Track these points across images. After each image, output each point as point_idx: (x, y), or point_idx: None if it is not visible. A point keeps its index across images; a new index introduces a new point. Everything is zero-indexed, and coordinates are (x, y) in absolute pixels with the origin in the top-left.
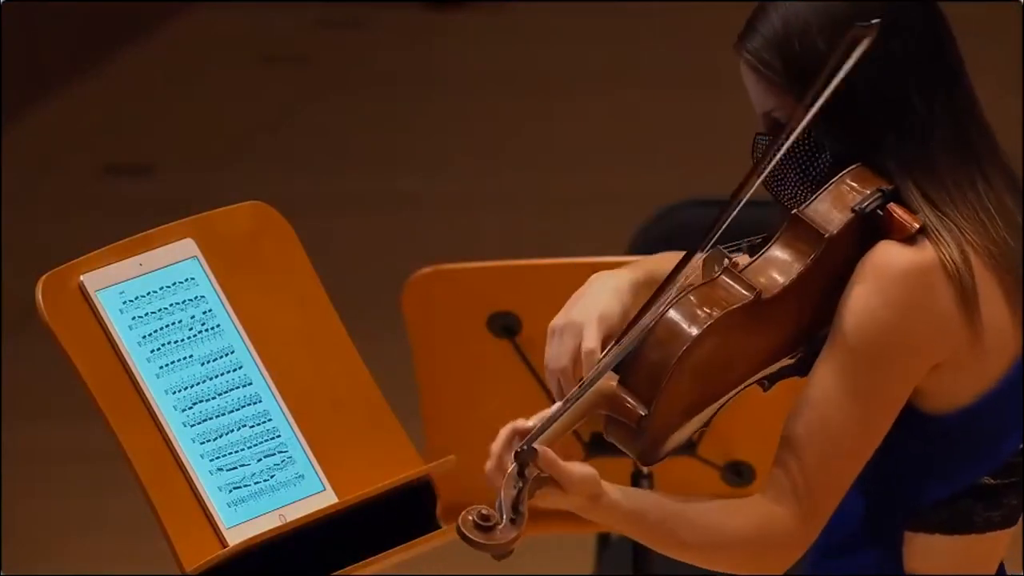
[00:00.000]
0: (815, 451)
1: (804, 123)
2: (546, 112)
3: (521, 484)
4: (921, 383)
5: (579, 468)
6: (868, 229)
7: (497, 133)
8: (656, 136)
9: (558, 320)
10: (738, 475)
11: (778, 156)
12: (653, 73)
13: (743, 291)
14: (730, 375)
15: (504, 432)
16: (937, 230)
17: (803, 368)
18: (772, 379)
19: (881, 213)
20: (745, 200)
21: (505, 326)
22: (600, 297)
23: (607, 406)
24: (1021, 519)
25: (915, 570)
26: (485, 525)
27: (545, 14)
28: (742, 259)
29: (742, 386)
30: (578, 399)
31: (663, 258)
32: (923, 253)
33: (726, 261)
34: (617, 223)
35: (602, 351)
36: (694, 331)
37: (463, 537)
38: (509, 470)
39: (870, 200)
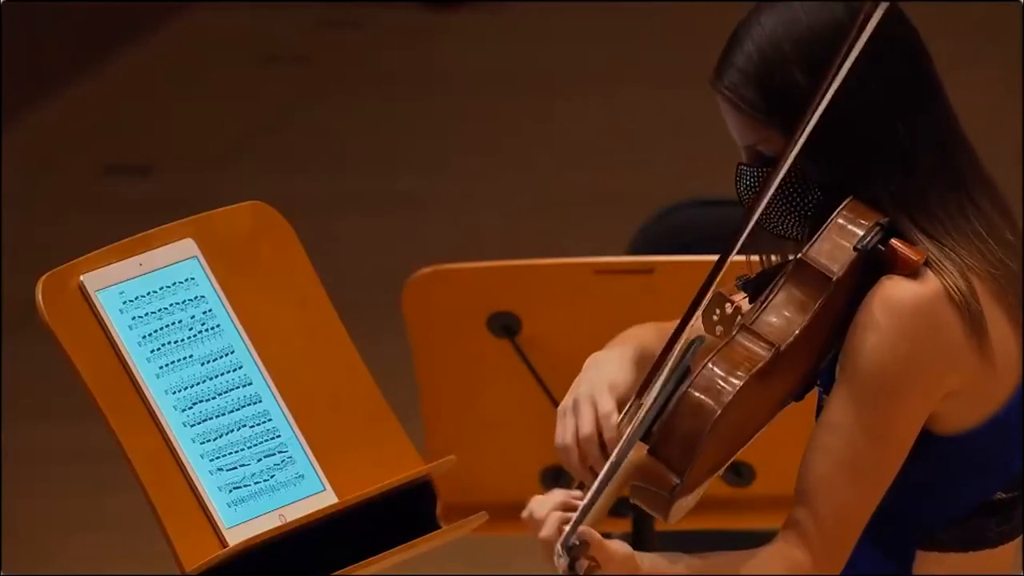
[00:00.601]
0: (835, 492)
1: (808, 126)
2: (546, 112)
3: None
4: (934, 408)
5: (619, 548)
6: (870, 264)
7: (497, 133)
8: (656, 136)
9: (565, 401)
10: (738, 475)
11: (779, 177)
12: (653, 73)
13: (761, 350)
14: (750, 427)
15: (555, 497)
16: (939, 260)
17: (799, 396)
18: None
19: (883, 248)
20: (738, 245)
21: (505, 326)
22: (603, 370)
23: (639, 477)
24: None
25: None
26: None
27: (545, 14)
28: (739, 297)
29: (758, 434)
30: (609, 479)
31: (646, 332)
32: (928, 285)
33: (729, 307)
34: (617, 223)
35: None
36: (725, 399)
37: None
38: (559, 563)
39: (871, 236)
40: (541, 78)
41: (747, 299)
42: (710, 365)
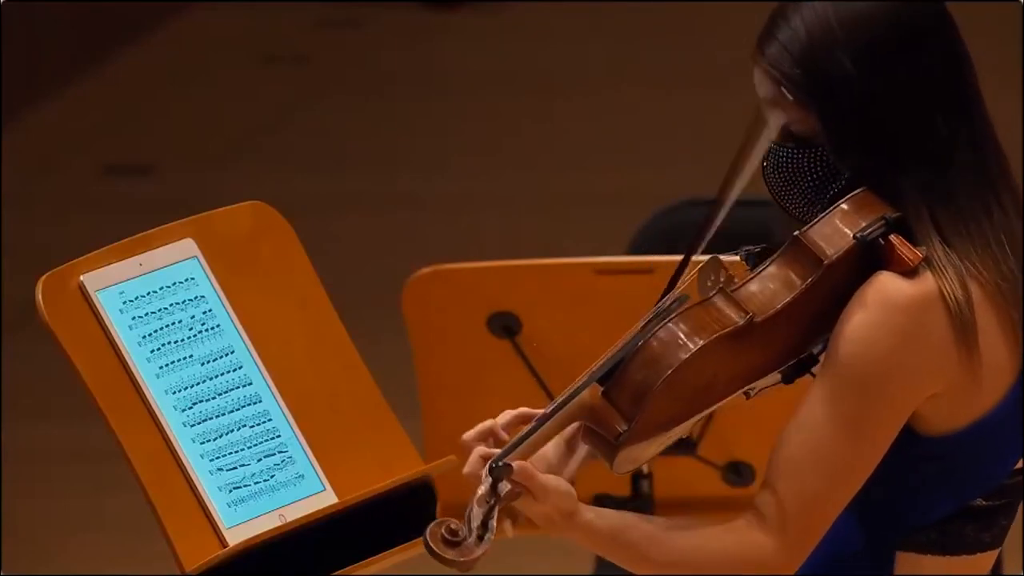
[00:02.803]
0: (804, 478)
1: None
2: (546, 112)
3: (493, 501)
4: (916, 408)
5: (556, 482)
6: (867, 256)
7: (497, 133)
8: (656, 136)
9: None
10: (738, 475)
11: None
12: (653, 72)
13: (735, 316)
14: (712, 393)
15: (475, 456)
16: (941, 263)
17: (788, 378)
18: (755, 390)
19: (883, 243)
20: (708, 236)
21: (505, 326)
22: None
23: (588, 417)
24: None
25: None
26: (453, 540)
27: (545, 14)
28: (738, 268)
29: (721, 403)
30: (558, 412)
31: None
32: (924, 285)
33: (723, 274)
34: (617, 223)
35: None
36: (683, 355)
37: (429, 550)
38: (482, 486)
39: (873, 228)
40: (541, 78)
41: (748, 271)
42: (677, 320)
